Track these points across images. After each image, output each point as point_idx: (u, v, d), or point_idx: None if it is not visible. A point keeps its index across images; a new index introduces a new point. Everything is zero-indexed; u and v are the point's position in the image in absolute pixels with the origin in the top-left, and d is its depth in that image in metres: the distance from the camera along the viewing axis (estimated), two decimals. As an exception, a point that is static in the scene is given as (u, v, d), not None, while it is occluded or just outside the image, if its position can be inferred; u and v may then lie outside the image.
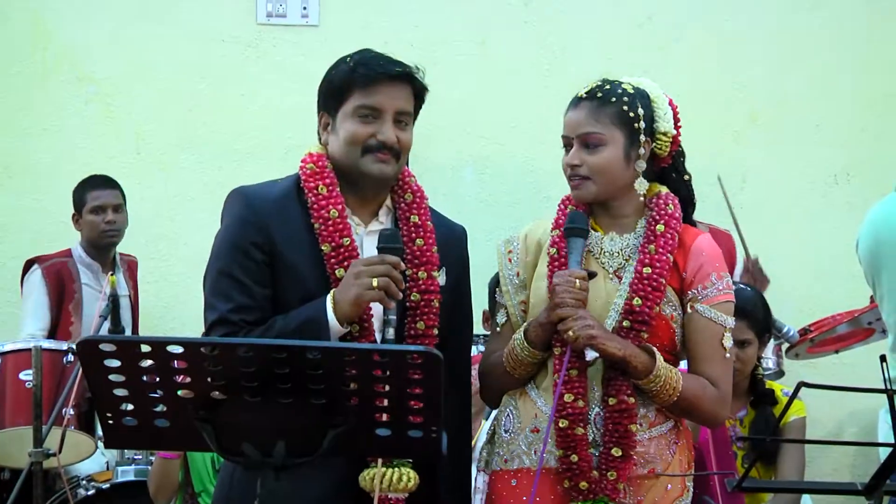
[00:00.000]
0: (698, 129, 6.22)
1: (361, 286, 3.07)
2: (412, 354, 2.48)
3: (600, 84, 3.32)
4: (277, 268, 3.19)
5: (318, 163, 3.28)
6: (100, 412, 2.58)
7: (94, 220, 6.04)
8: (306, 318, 3.11)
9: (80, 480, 5.37)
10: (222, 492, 3.27)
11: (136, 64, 6.73)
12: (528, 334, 3.26)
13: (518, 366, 3.30)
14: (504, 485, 3.34)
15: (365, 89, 3.22)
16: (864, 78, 6.80)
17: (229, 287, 3.18)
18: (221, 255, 3.23)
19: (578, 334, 3.12)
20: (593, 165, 3.27)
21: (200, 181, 6.70)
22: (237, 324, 3.15)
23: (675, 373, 3.23)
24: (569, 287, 3.14)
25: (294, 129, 6.63)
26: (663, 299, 3.27)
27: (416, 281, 3.26)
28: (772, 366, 5.73)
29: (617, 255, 3.34)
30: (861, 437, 6.54)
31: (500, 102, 6.75)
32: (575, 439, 3.20)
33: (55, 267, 6.02)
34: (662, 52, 6.77)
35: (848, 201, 6.73)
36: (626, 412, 3.21)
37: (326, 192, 3.23)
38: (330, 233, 3.19)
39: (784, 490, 4.58)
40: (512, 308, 3.39)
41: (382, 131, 3.21)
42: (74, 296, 5.98)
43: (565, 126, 3.33)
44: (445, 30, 6.78)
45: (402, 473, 3.18)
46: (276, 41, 6.77)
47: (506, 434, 3.37)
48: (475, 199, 6.68)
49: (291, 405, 2.49)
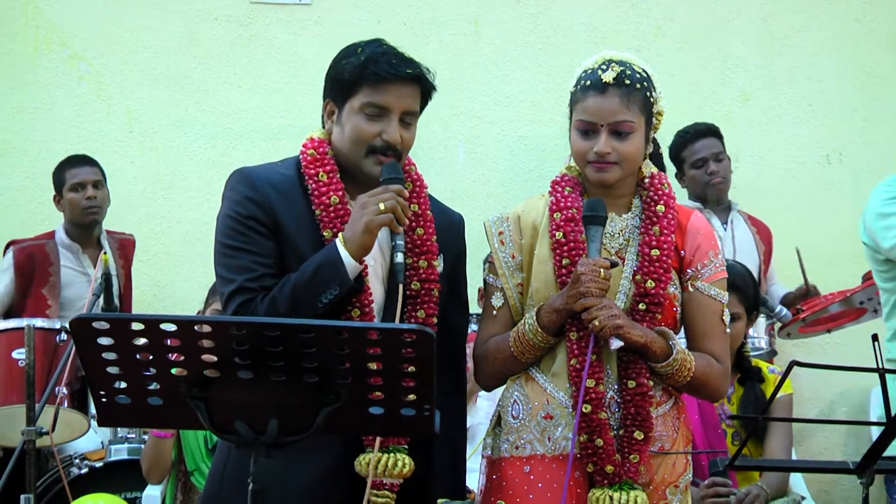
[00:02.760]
0: (690, 110, 6.28)
1: (370, 213, 3.08)
2: (405, 332, 2.48)
3: (621, 69, 3.26)
4: (282, 248, 3.20)
5: (318, 149, 3.28)
6: (93, 390, 2.58)
7: (74, 198, 6.02)
8: (319, 262, 3.11)
9: (74, 459, 5.38)
10: (217, 470, 3.28)
11: (128, 43, 6.72)
12: (541, 319, 3.25)
13: (528, 350, 3.29)
14: (516, 471, 3.32)
15: (374, 87, 3.20)
16: (855, 58, 6.80)
17: (241, 259, 3.17)
18: (228, 231, 3.21)
19: (605, 324, 3.12)
20: (625, 153, 3.25)
21: (192, 160, 6.70)
22: (255, 290, 3.14)
23: (688, 354, 3.25)
24: (594, 276, 3.13)
25: (286, 109, 6.64)
26: (671, 280, 3.29)
27: (416, 270, 3.26)
28: (764, 345, 5.75)
29: (617, 236, 3.34)
30: (852, 416, 6.56)
31: (492, 82, 6.75)
32: (599, 423, 3.20)
33: (28, 249, 6.00)
34: (654, 33, 6.77)
35: (840, 181, 6.75)
36: (645, 395, 3.23)
37: (327, 178, 3.23)
38: (331, 219, 3.20)
39: (776, 468, 4.60)
40: (510, 291, 3.38)
41: (388, 131, 3.20)
42: (49, 279, 5.94)
43: (589, 112, 3.26)
44: (438, 9, 6.77)
45: (398, 459, 3.19)
46: (268, 20, 6.76)
47: (514, 421, 3.35)
48: (467, 178, 6.68)
49: (284, 383, 2.49)
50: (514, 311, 3.37)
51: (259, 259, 3.17)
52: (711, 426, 4.57)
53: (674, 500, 3.32)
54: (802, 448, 6.46)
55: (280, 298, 3.10)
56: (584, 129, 3.28)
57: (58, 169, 6.12)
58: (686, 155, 5.84)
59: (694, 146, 5.83)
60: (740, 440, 4.39)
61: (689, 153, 5.84)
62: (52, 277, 5.96)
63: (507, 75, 6.76)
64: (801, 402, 6.03)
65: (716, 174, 5.84)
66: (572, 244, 3.27)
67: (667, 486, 3.30)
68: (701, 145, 5.83)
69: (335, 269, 3.08)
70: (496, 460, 3.37)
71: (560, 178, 3.42)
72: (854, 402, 6.57)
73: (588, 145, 3.27)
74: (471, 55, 6.72)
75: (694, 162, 5.83)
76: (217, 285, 3.28)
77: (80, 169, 6.05)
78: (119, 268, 6.13)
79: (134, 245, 6.33)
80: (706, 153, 5.83)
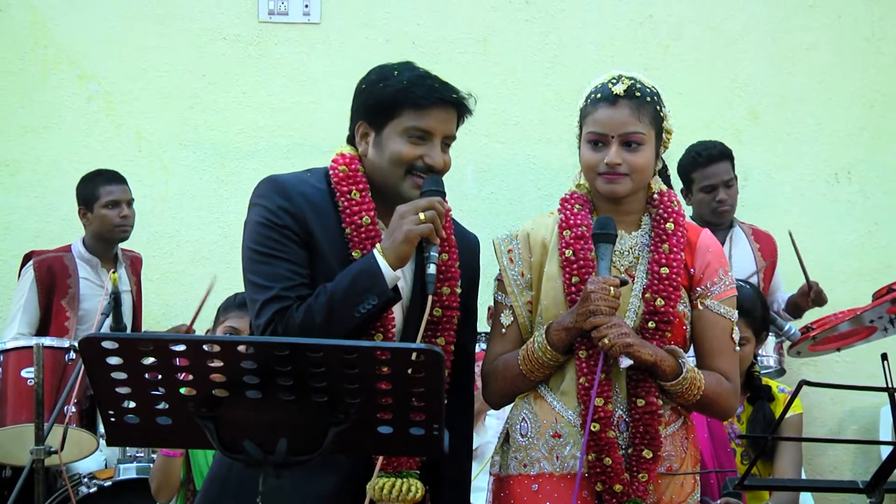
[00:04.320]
0: (699, 128, 6.28)
1: (410, 222, 3.06)
2: (415, 352, 2.48)
3: (631, 82, 3.28)
4: (313, 259, 3.16)
5: (350, 165, 3.25)
6: (102, 410, 2.57)
7: (108, 215, 6.01)
8: (357, 271, 3.08)
9: (82, 478, 5.38)
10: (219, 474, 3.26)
11: (138, 62, 6.74)
12: (550, 337, 3.24)
13: (537, 368, 3.28)
14: (524, 489, 3.31)
15: (418, 111, 3.19)
16: (864, 76, 6.80)
17: (277, 266, 3.12)
18: (260, 239, 3.16)
19: (615, 342, 3.12)
20: (634, 165, 3.25)
21: (202, 179, 6.71)
22: (292, 299, 3.10)
23: (699, 373, 3.25)
24: (604, 294, 3.13)
25: (295, 128, 6.66)
26: (681, 298, 3.28)
27: (439, 296, 3.24)
28: (773, 364, 5.73)
29: (627, 254, 3.34)
30: (862, 435, 6.55)
31: (501, 100, 6.75)
32: (608, 442, 3.20)
33: (47, 262, 6.01)
34: (663, 51, 6.77)
35: (849, 199, 6.74)
36: (654, 413, 3.22)
37: (360, 197, 3.21)
38: (361, 239, 3.17)
39: (786, 488, 4.58)
40: (519, 309, 3.37)
41: (431, 155, 3.19)
42: (69, 290, 5.96)
43: (601, 123, 3.27)
44: (447, 28, 6.78)
45: (411, 484, 3.18)
46: (277, 39, 6.77)
47: (522, 439, 3.35)
48: (477, 197, 6.68)
49: (293, 403, 2.48)
50: (524, 329, 3.37)
51: (295, 268, 3.13)
52: (721, 445, 4.56)
53: (682, 521, 3.31)
54: (812, 467, 6.44)
55: (316, 308, 3.06)
56: (595, 140, 3.28)
57: (89, 183, 6.09)
58: (696, 177, 5.81)
59: (705, 171, 5.79)
60: (750, 459, 4.38)
61: (700, 177, 5.80)
62: (71, 290, 5.97)
63: (515, 94, 6.77)
64: (810, 420, 6.01)
65: (724, 202, 5.81)
66: (582, 262, 3.26)
67: (675, 506, 3.30)
68: (712, 171, 5.79)
69: (374, 278, 3.05)
70: (504, 478, 3.37)
71: (570, 196, 3.42)
72: (864, 421, 6.55)
73: (599, 157, 3.27)
74: (479, 74, 6.72)
75: (703, 186, 5.81)
76: (248, 292, 3.20)
77: (115, 187, 6.05)
78: (132, 284, 6.16)
79: (142, 262, 6.34)
80: (716, 180, 5.79)
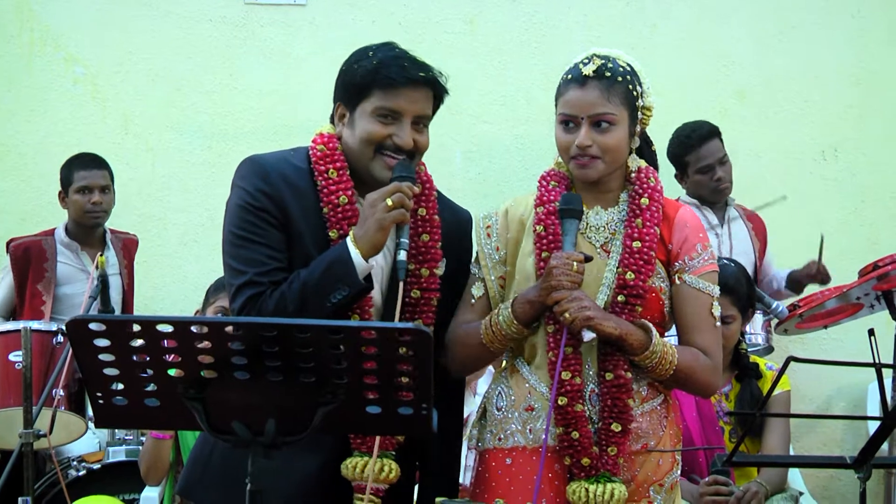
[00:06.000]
0: (686, 107, 6.28)
1: (380, 210, 3.07)
2: (402, 332, 2.48)
3: (602, 62, 3.27)
4: (290, 241, 3.18)
5: (328, 144, 3.27)
6: (90, 392, 2.57)
7: (79, 201, 6.01)
8: (330, 261, 3.10)
9: (72, 461, 5.39)
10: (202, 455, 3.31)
11: (123, 44, 6.72)
12: (515, 310, 3.25)
13: (497, 340, 3.29)
14: (499, 463, 3.33)
15: (386, 91, 3.20)
16: (850, 54, 6.80)
17: (252, 251, 3.15)
18: (239, 222, 3.19)
19: (575, 316, 3.12)
20: (605, 145, 3.25)
21: (188, 162, 6.70)
22: (264, 284, 3.12)
23: (670, 346, 3.25)
24: (566, 270, 3.14)
25: (282, 110, 6.64)
26: (654, 272, 3.28)
27: (417, 277, 3.26)
28: (761, 342, 5.75)
29: (603, 230, 3.34)
30: (850, 411, 6.58)
31: (488, 81, 6.75)
32: (575, 416, 3.21)
33: (24, 245, 6.01)
34: (650, 30, 6.76)
35: (836, 177, 6.75)
36: (623, 387, 3.23)
37: (337, 176, 3.22)
38: (338, 219, 3.19)
39: (774, 464, 4.61)
40: (490, 283, 3.38)
41: (400, 134, 3.20)
42: (45, 274, 5.94)
43: (570, 105, 3.28)
44: (433, 8, 6.77)
45: (385, 464, 3.19)
46: (263, 21, 6.75)
47: (498, 413, 3.37)
48: (464, 177, 6.68)
49: (281, 383, 2.48)
50: (494, 303, 3.37)
51: (270, 252, 3.15)
52: (710, 423, 4.58)
53: (657, 499, 3.32)
54: (801, 444, 6.47)
55: (289, 296, 3.09)
56: (566, 121, 3.29)
57: (66, 166, 6.09)
58: (690, 160, 5.82)
59: (699, 152, 5.80)
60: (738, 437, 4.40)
61: (694, 158, 5.81)
62: (47, 273, 5.96)
63: (502, 74, 6.76)
64: (798, 398, 6.03)
65: (723, 180, 5.83)
66: (551, 237, 3.28)
67: (650, 484, 3.30)
68: (706, 151, 5.81)
69: (345, 269, 3.07)
70: (481, 452, 3.39)
71: (547, 173, 3.43)
72: (852, 398, 6.58)
73: (570, 139, 3.27)
74: (466, 54, 6.72)
75: (700, 168, 5.82)
76: (226, 276, 3.24)
77: (89, 172, 6.04)
78: (123, 267, 6.14)
79: (137, 244, 6.33)
80: (712, 160, 5.81)
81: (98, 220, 6.08)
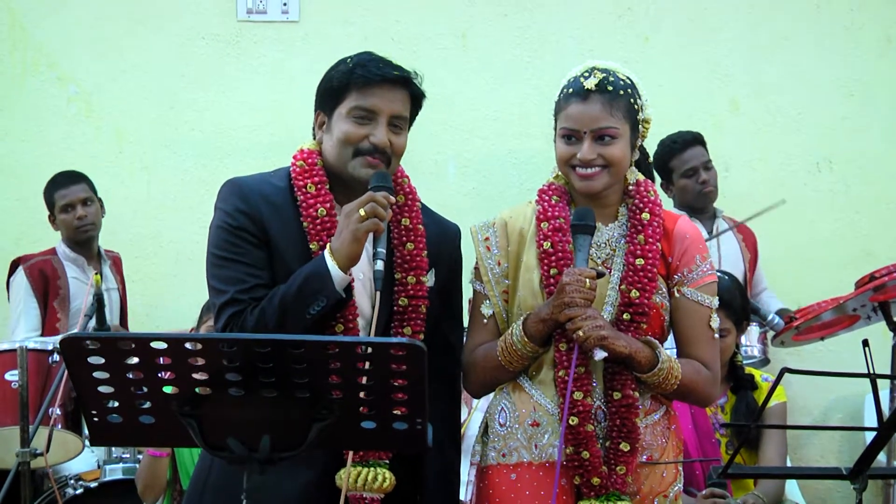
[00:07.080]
0: (680, 120, 6.28)
1: (354, 221, 3.07)
2: (395, 347, 2.48)
3: (604, 75, 3.27)
4: (271, 260, 3.21)
5: (307, 160, 3.29)
6: (85, 410, 2.57)
7: (66, 219, 6.05)
8: (307, 274, 3.12)
9: (68, 480, 5.37)
10: (200, 476, 3.31)
11: (117, 62, 6.72)
12: (528, 329, 3.25)
13: (516, 360, 3.29)
14: (503, 479, 3.32)
15: (361, 91, 3.22)
16: (844, 66, 6.81)
17: (232, 270, 3.18)
18: (219, 243, 3.22)
19: (589, 335, 3.12)
20: (609, 158, 3.25)
21: (183, 179, 6.70)
22: (245, 301, 3.15)
23: (675, 362, 3.25)
24: (579, 286, 3.13)
25: (276, 126, 6.64)
26: (657, 289, 3.28)
27: (404, 286, 3.27)
28: (757, 354, 5.75)
29: (604, 246, 3.34)
30: (847, 422, 6.58)
31: (481, 96, 6.75)
32: (586, 436, 3.20)
33: (38, 265, 6.02)
34: (642, 43, 6.77)
35: (830, 189, 6.76)
36: (631, 406, 3.23)
37: (315, 190, 3.24)
38: (318, 231, 3.21)
39: (770, 476, 4.60)
40: (495, 298, 3.38)
41: (376, 134, 3.21)
42: (60, 292, 5.98)
43: (573, 119, 3.27)
44: (426, 24, 6.78)
45: (378, 473, 3.19)
46: (256, 38, 6.76)
47: (501, 428, 3.36)
48: (458, 192, 6.68)
49: (276, 399, 2.48)
50: (500, 319, 3.38)
51: (251, 270, 3.18)
52: (706, 436, 4.57)
53: (662, 511, 3.32)
54: (798, 456, 6.46)
55: (269, 310, 3.11)
56: (568, 135, 3.28)
57: (47, 189, 6.12)
58: (675, 165, 5.86)
59: (683, 156, 5.86)
60: (734, 448, 4.39)
61: (679, 163, 5.86)
62: (62, 291, 6.00)
63: (495, 89, 6.77)
64: (795, 409, 6.02)
65: (707, 183, 5.87)
66: (560, 254, 3.27)
67: (655, 495, 3.30)
68: (690, 155, 5.86)
69: (322, 281, 3.08)
70: (483, 468, 3.38)
71: (547, 187, 3.42)
72: (849, 409, 6.57)
73: (572, 151, 3.27)
74: (459, 70, 6.72)
75: (685, 171, 5.86)
76: (210, 296, 3.28)
77: (67, 189, 6.06)
78: (117, 283, 6.17)
79: (121, 262, 6.37)
80: (696, 163, 5.86)
81: (89, 232, 6.08)
